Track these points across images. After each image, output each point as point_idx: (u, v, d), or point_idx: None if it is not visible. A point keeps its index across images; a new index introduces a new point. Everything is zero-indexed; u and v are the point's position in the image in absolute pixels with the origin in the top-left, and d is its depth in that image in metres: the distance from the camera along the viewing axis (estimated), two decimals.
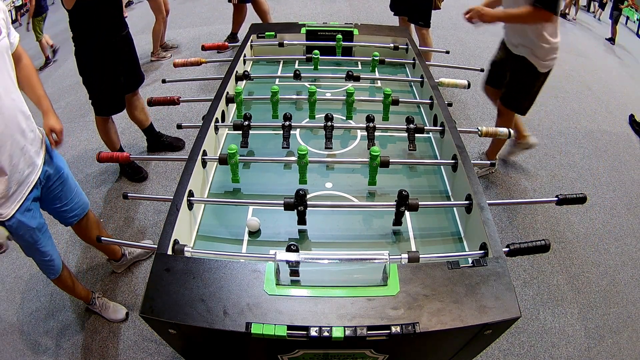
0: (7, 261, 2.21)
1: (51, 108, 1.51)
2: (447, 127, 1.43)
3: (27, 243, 1.49)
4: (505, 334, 1.59)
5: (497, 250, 0.99)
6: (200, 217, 1.24)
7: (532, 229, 2.42)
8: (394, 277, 0.92)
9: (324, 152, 1.47)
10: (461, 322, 0.85)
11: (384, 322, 0.84)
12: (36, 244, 1.50)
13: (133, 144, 3.01)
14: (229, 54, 3.76)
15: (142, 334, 1.86)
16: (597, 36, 6.17)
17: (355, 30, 2.11)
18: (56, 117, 1.51)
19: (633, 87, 4.38)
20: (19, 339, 1.87)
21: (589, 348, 1.87)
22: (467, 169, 1.22)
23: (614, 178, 2.86)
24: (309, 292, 0.91)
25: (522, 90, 2.36)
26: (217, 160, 1.31)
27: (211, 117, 1.43)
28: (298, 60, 2.05)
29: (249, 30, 2.19)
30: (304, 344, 0.89)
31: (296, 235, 1.18)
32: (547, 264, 2.22)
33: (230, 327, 0.84)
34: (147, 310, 0.87)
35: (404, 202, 1.12)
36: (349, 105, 1.59)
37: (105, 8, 2.13)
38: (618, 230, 2.47)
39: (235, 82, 1.78)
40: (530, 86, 2.33)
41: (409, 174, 1.41)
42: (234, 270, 0.93)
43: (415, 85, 1.90)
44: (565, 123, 3.43)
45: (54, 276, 1.66)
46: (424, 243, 1.17)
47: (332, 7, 5.36)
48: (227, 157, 1.27)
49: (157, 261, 0.96)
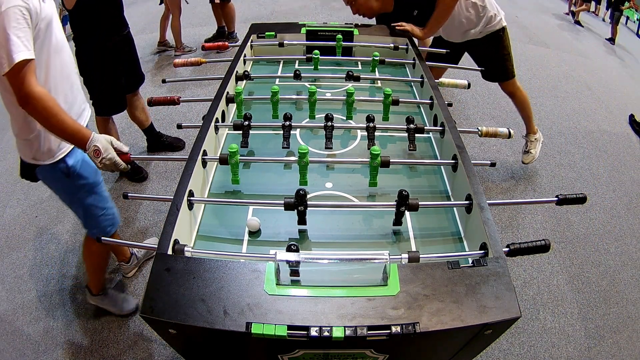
0: (7, 261, 2.21)
1: None
2: (447, 127, 1.43)
3: (90, 186, 1.55)
4: (505, 334, 1.59)
5: (497, 250, 0.99)
6: (201, 217, 1.24)
7: (532, 229, 2.42)
8: (394, 277, 0.92)
9: (324, 152, 1.47)
10: (461, 322, 0.85)
11: (384, 322, 0.84)
12: (98, 186, 1.58)
13: (133, 144, 3.01)
14: (229, 53, 3.76)
15: (142, 334, 1.86)
16: (597, 36, 6.17)
17: (355, 30, 2.11)
18: None
19: (633, 87, 4.38)
20: (19, 339, 1.87)
21: (589, 348, 1.87)
22: (467, 169, 1.22)
23: (614, 178, 2.86)
24: (309, 292, 0.91)
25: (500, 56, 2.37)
26: (218, 160, 1.31)
27: (211, 117, 1.43)
28: (298, 60, 2.05)
29: (249, 30, 2.19)
30: (304, 344, 0.89)
31: (296, 235, 1.18)
32: (547, 264, 2.22)
33: (231, 327, 0.84)
34: (147, 310, 0.87)
35: (404, 202, 1.12)
36: (349, 105, 1.59)
37: (106, 8, 2.14)
38: (618, 230, 2.47)
39: (235, 82, 1.78)
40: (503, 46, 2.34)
41: (409, 174, 1.41)
42: (234, 270, 0.93)
43: (415, 85, 1.90)
44: (565, 123, 3.43)
45: (114, 228, 1.70)
46: (424, 243, 1.17)
47: (332, 7, 5.36)
48: (227, 156, 1.27)
49: (157, 261, 0.96)
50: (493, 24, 2.22)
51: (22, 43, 1.17)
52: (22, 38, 1.18)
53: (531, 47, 4.82)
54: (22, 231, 2.39)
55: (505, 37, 2.31)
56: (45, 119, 1.26)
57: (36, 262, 2.20)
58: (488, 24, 2.22)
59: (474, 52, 2.44)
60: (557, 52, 4.86)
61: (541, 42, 5.11)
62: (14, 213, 2.52)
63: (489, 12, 2.21)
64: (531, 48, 4.80)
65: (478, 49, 2.37)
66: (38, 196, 2.62)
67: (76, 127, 1.30)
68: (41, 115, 1.25)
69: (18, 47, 1.16)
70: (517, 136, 3.11)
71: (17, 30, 1.17)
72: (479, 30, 2.22)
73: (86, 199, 1.57)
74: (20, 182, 2.74)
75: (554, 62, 4.52)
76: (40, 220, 2.45)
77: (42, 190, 2.66)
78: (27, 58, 1.18)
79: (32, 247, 2.28)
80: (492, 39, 2.27)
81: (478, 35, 2.25)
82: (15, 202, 2.60)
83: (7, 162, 2.96)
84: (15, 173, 2.83)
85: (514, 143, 3.06)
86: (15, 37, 1.16)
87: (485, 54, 2.37)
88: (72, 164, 1.47)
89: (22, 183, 2.73)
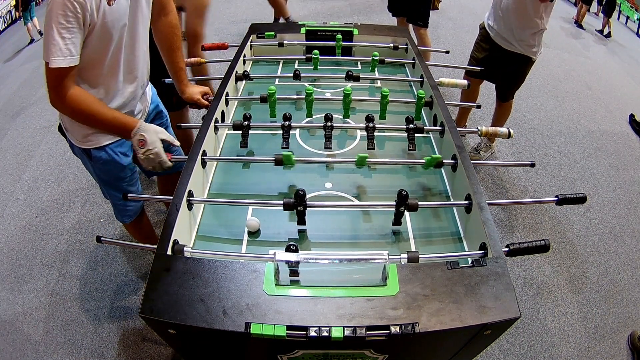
0: (7, 261, 2.21)
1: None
2: (447, 127, 1.43)
3: (111, 181, 1.50)
4: (505, 334, 1.59)
5: (496, 250, 0.99)
6: (200, 217, 1.24)
7: (532, 229, 2.42)
8: (394, 277, 0.92)
9: (324, 152, 1.47)
10: (461, 322, 0.85)
11: (383, 322, 0.84)
12: (121, 182, 1.51)
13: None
14: (229, 53, 3.76)
15: (142, 334, 1.86)
16: (597, 36, 6.16)
17: (355, 30, 2.11)
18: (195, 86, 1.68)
19: (633, 87, 4.38)
20: (19, 339, 1.87)
21: (589, 348, 1.87)
22: (467, 169, 1.22)
23: (614, 178, 2.86)
24: (309, 292, 0.91)
25: (518, 81, 2.55)
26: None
27: (211, 117, 1.43)
28: (298, 60, 2.05)
29: (248, 30, 2.19)
30: (304, 344, 0.89)
31: (296, 236, 1.18)
32: (547, 264, 2.21)
33: (230, 327, 0.84)
34: (146, 311, 0.87)
35: (404, 202, 1.12)
36: (346, 105, 1.59)
37: None
38: (618, 230, 2.47)
39: (235, 82, 1.78)
40: (525, 74, 2.51)
41: (408, 174, 1.41)
42: (234, 271, 0.93)
43: (415, 85, 1.89)
44: (565, 123, 3.42)
45: (130, 219, 1.64)
46: (424, 243, 1.17)
47: (332, 7, 5.36)
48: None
49: (157, 261, 0.96)
50: (533, 50, 2.34)
51: (66, 46, 1.08)
52: (67, 39, 1.08)
53: None
54: (22, 231, 2.39)
55: (530, 67, 2.46)
56: (84, 120, 1.23)
57: (36, 262, 2.20)
58: (530, 46, 2.32)
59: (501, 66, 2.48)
60: (557, 52, 4.86)
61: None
62: (14, 213, 2.52)
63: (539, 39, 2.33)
64: None
65: (509, 63, 2.44)
66: (38, 196, 2.62)
67: (120, 120, 1.25)
68: (80, 117, 1.22)
69: (60, 50, 1.07)
70: (517, 136, 3.12)
71: (62, 28, 1.06)
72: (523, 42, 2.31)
73: (107, 188, 1.54)
74: (20, 182, 2.75)
75: (554, 62, 4.52)
76: (40, 220, 2.45)
77: (42, 190, 2.67)
78: (65, 66, 1.10)
79: (32, 247, 2.28)
80: (523, 61, 2.39)
81: (516, 48, 2.34)
82: (15, 202, 2.60)
83: (7, 162, 2.97)
84: (15, 173, 2.84)
85: (514, 143, 3.06)
86: (59, 37, 1.06)
87: (510, 71, 2.48)
88: (95, 156, 1.41)
89: (22, 183, 2.74)
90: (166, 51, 1.56)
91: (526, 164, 1.44)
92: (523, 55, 2.35)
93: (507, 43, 2.35)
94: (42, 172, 2.83)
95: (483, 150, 2.87)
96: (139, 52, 1.35)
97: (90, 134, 1.35)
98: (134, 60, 1.34)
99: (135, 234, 1.76)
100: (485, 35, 2.48)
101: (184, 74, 1.62)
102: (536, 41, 2.30)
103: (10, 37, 5.69)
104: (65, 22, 1.06)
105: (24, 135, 3.26)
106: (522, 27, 2.26)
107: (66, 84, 1.15)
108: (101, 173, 1.47)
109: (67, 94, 1.16)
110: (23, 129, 3.34)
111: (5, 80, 4.34)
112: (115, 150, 1.41)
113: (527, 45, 2.31)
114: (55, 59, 1.08)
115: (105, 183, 1.51)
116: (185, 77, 1.63)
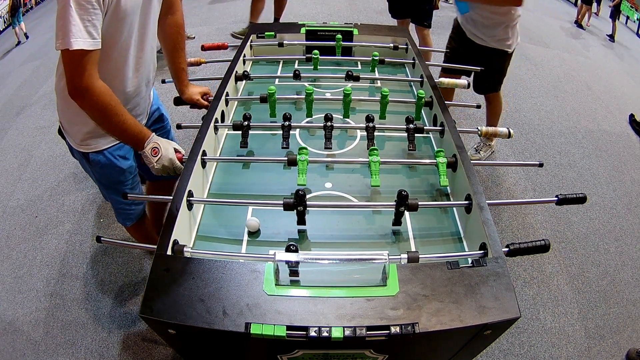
0: (7, 261, 2.21)
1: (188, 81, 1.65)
2: (447, 127, 1.43)
3: (109, 185, 1.47)
4: (505, 334, 1.58)
5: (496, 251, 0.99)
6: (200, 217, 1.24)
7: (532, 229, 2.41)
8: (394, 277, 0.92)
9: (324, 152, 1.47)
10: (461, 323, 0.85)
11: (383, 322, 0.84)
12: (120, 185, 1.48)
13: None
14: (229, 54, 3.76)
15: (142, 334, 1.86)
16: (597, 36, 6.16)
17: (355, 30, 2.11)
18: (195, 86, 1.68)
19: (633, 87, 4.38)
20: (19, 339, 1.87)
21: (589, 348, 1.87)
22: (467, 169, 1.22)
23: (614, 178, 2.86)
24: (309, 292, 0.91)
25: (496, 74, 2.49)
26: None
27: (211, 117, 1.43)
28: (298, 60, 2.05)
29: (248, 30, 2.19)
30: (304, 344, 0.89)
31: (296, 236, 1.18)
32: (547, 264, 2.21)
33: (230, 328, 0.84)
34: (146, 311, 0.87)
35: (404, 202, 1.12)
36: (345, 105, 1.59)
37: None
38: (618, 230, 2.47)
39: (235, 82, 1.78)
40: (503, 67, 2.46)
41: (408, 174, 1.41)
42: (234, 271, 0.93)
43: (415, 85, 1.89)
44: (565, 123, 3.42)
45: (131, 222, 1.63)
46: (424, 243, 1.17)
47: (332, 7, 5.36)
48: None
49: (157, 261, 0.96)
50: (507, 43, 2.32)
51: (86, 28, 0.98)
52: (86, 21, 0.98)
53: (531, 47, 4.81)
54: (22, 231, 2.39)
55: (508, 61, 2.43)
56: (102, 118, 1.14)
57: (36, 262, 2.20)
58: (503, 40, 2.30)
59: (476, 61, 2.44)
60: (557, 52, 4.86)
61: (541, 42, 5.10)
62: (14, 213, 2.52)
63: (510, 34, 2.30)
64: (531, 48, 4.79)
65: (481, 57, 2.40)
66: (38, 196, 2.62)
67: (137, 127, 1.21)
68: (98, 114, 1.13)
69: (80, 30, 0.97)
70: (517, 136, 3.12)
71: (81, 8, 0.97)
72: (495, 37, 2.30)
73: (108, 192, 1.52)
74: (20, 182, 2.75)
75: (554, 62, 4.52)
76: (40, 220, 2.45)
77: (42, 190, 2.67)
78: (87, 49, 0.99)
79: (32, 247, 2.28)
80: (498, 55, 2.37)
81: (488, 43, 2.32)
82: (15, 202, 2.60)
83: (7, 162, 2.96)
84: (15, 173, 2.84)
85: (514, 143, 3.06)
86: (78, 18, 0.97)
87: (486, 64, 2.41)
88: (94, 160, 1.38)
89: (22, 183, 2.74)
90: (170, 50, 1.54)
91: (534, 164, 1.44)
92: (497, 49, 2.32)
93: (480, 39, 2.34)
94: (42, 172, 2.83)
95: (483, 150, 2.86)
96: (147, 47, 1.31)
97: (89, 137, 1.33)
98: (142, 56, 1.31)
99: (136, 235, 1.76)
100: (458, 29, 2.47)
101: (184, 75, 1.62)
102: (509, 34, 2.27)
103: (10, 37, 5.71)
104: (85, 2, 0.97)
105: (24, 135, 3.26)
106: (492, 26, 2.26)
107: (90, 70, 1.03)
108: (101, 177, 1.45)
109: (91, 83, 1.05)
110: (23, 129, 3.34)
111: (5, 80, 4.34)
112: (114, 153, 1.39)
113: (500, 39, 2.29)
114: (76, 40, 0.98)
115: (106, 187, 1.49)
116: (186, 77, 1.63)
